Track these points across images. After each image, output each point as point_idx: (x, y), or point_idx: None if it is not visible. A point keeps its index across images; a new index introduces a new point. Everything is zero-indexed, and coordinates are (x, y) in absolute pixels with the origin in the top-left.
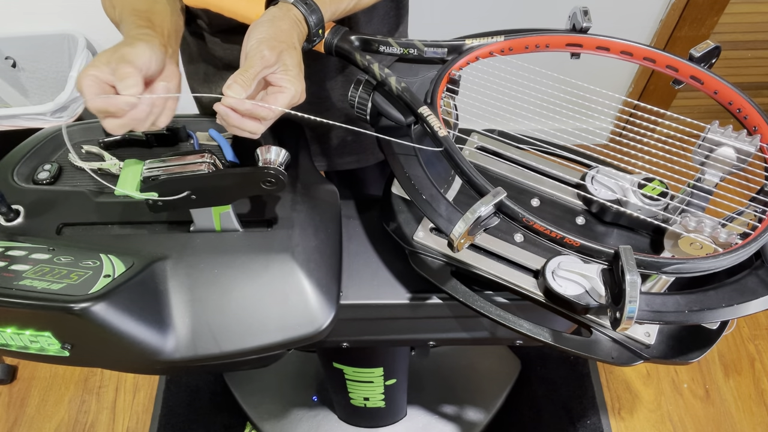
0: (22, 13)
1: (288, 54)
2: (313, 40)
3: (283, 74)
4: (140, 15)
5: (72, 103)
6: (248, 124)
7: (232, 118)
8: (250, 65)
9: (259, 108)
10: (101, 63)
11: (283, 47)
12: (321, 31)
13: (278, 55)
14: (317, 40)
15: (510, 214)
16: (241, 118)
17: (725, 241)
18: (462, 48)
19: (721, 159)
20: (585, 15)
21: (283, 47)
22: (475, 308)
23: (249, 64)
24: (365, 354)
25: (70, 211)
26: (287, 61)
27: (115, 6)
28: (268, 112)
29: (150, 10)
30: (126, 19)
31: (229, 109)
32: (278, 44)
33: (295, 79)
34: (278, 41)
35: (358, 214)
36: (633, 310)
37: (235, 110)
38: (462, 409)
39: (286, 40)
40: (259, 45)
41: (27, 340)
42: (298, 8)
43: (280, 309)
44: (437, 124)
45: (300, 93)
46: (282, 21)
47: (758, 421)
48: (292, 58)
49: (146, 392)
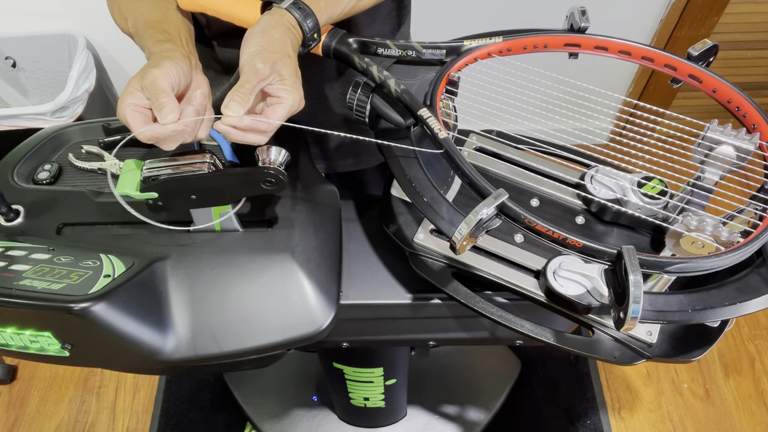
0: (22, 13)
1: (282, 63)
2: (309, 44)
3: (280, 84)
4: (156, 27)
5: (72, 104)
6: (251, 137)
7: (234, 135)
8: (245, 80)
9: (258, 123)
10: (135, 90)
11: (276, 57)
12: (317, 35)
13: (272, 66)
14: (313, 44)
15: (512, 216)
16: (243, 133)
17: (727, 239)
18: (460, 49)
19: (720, 157)
20: (583, 15)
21: (276, 57)
22: (477, 309)
23: (244, 80)
24: (365, 354)
25: (70, 211)
26: (282, 71)
27: (127, 18)
28: (267, 126)
29: (164, 19)
30: (143, 33)
31: (229, 127)
32: (271, 55)
33: (292, 88)
34: (271, 52)
35: (358, 215)
36: (637, 310)
37: (236, 127)
38: (462, 409)
39: (279, 50)
40: (252, 59)
41: (27, 340)
42: (292, 14)
43: (280, 309)
44: (437, 125)
45: (298, 101)
46: (274, 30)
47: (758, 421)
48: (287, 68)
49: (146, 392)
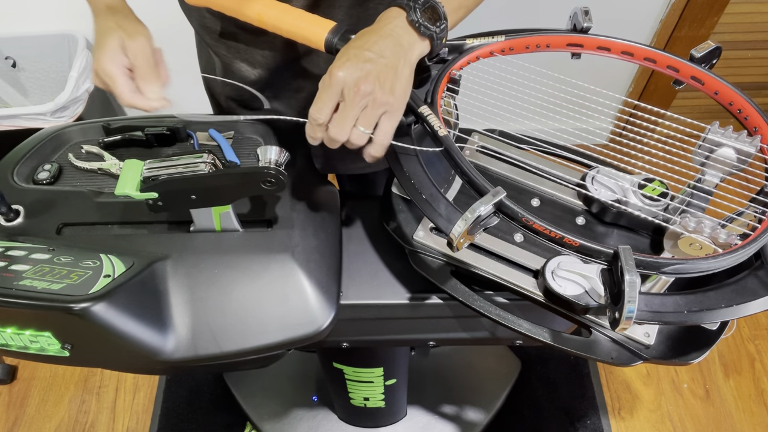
0: (22, 13)
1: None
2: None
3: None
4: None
5: (72, 104)
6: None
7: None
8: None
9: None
10: (117, 47)
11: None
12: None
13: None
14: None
15: (509, 214)
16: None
17: (725, 241)
18: (462, 47)
19: (721, 159)
20: (586, 15)
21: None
22: (475, 308)
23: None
24: (365, 354)
25: (70, 211)
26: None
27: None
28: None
29: None
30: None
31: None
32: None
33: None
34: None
35: (358, 214)
36: (632, 310)
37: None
38: (462, 409)
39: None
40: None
41: (27, 340)
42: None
43: (280, 309)
44: (437, 123)
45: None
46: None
47: (758, 421)
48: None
49: (146, 392)
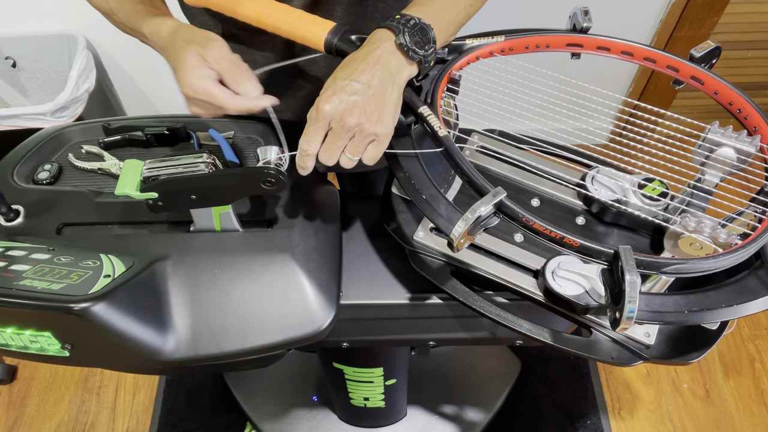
0: (22, 13)
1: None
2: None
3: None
4: (146, 1)
5: (72, 104)
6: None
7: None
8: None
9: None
10: (199, 62)
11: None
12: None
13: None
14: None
15: (510, 214)
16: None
17: (725, 241)
18: (462, 48)
19: (721, 159)
20: (585, 15)
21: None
22: (475, 308)
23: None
24: (365, 354)
25: (70, 211)
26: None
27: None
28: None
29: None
30: (136, 9)
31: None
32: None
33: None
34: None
35: (358, 214)
36: (632, 310)
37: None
38: (462, 409)
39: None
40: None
41: (27, 340)
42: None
43: (280, 309)
44: (437, 123)
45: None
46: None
47: (758, 421)
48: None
49: (146, 392)
